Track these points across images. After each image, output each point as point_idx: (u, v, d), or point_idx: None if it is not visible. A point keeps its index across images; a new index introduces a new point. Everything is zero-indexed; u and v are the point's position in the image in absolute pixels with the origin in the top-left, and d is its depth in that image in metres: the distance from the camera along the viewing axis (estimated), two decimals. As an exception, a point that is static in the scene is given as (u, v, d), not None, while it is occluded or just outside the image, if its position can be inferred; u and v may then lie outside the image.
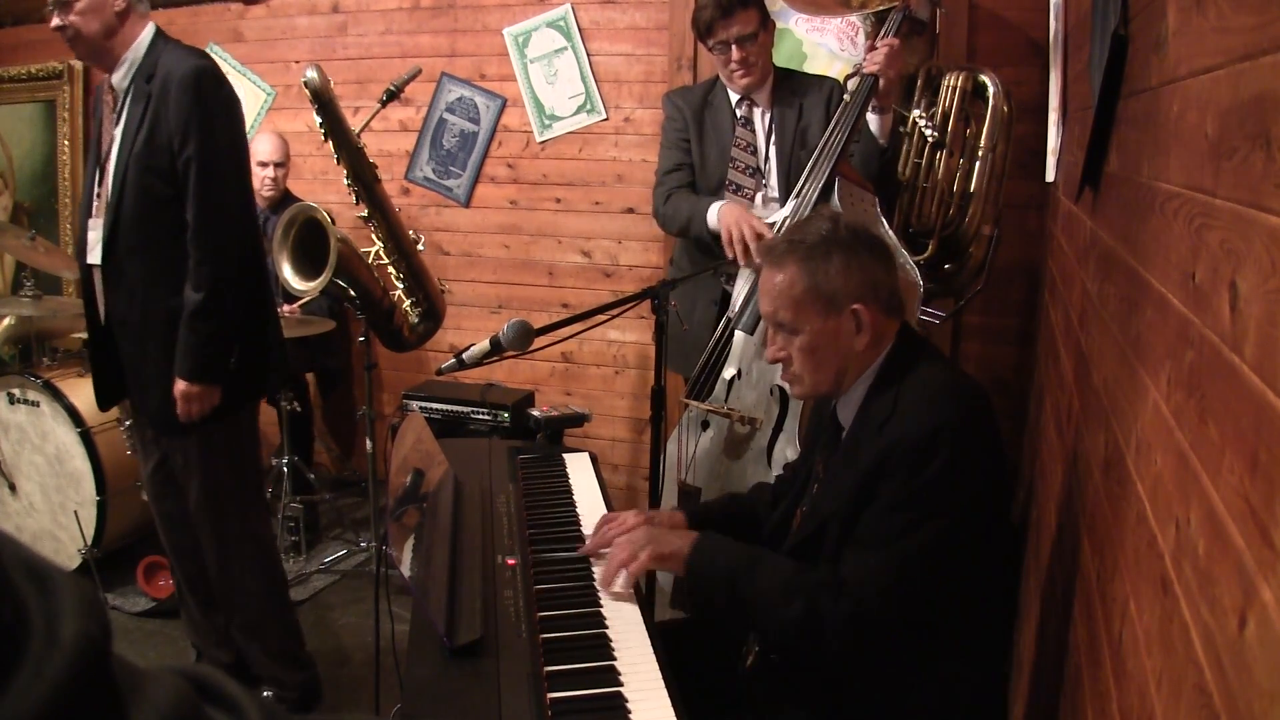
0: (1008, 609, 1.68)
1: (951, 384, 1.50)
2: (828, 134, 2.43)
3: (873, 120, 2.50)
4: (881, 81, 2.42)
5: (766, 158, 2.68)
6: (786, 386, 2.32)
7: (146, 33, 2.26)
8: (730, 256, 2.45)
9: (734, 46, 2.57)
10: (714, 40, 2.60)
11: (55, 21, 2.16)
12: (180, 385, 2.25)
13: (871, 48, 2.48)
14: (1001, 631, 1.64)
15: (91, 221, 2.33)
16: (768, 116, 2.69)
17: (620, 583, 1.53)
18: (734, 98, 2.71)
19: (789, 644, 1.49)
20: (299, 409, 3.65)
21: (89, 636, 0.35)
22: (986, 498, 1.47)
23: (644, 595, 1.59)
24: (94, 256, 2.31)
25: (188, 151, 2.21)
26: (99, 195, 2.31)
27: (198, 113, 2.21)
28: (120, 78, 2.26)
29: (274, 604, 2.53)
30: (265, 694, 2.50)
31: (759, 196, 2.67)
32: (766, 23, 2.61)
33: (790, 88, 2.69)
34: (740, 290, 2.46)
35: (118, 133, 2.26)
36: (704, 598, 1.55)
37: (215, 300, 2.21)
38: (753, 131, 2.69)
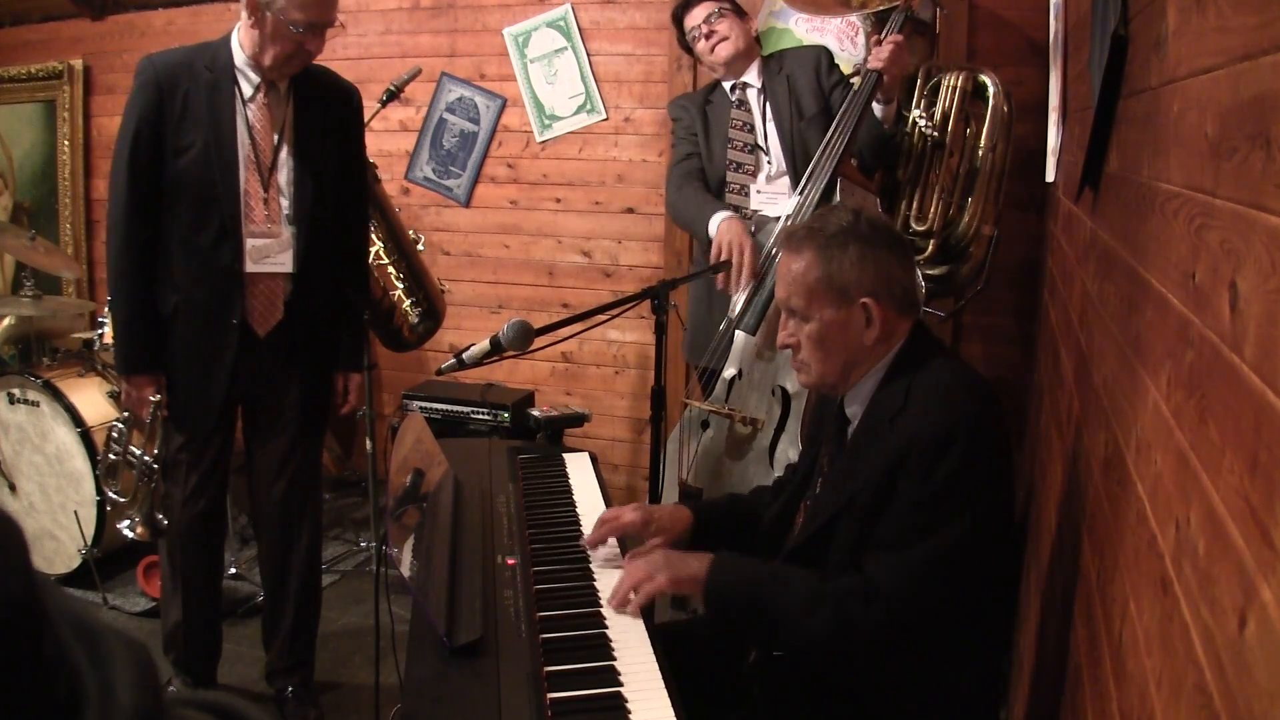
0: (1008, 609, 1.68)
1: (964, 379, 1.50)
2: (829, 135, 2.45)
3: (877, 109, 2.54)
4: (886, 78, 2.46)
5: (765, 134, 2.72)
6: (790, 386, 2.33)
7: None
8: (718, 261, 2.45)
9: (703, 25, 2.69)
10: (688, 32, 2.74)
11: (311, 46, 2.21)
12: (357, 378, 2.47)
13: (877, 43, 2.50)
14: (1001, 631, 1.64)
15: (255, 228, 2.24)
16: (760, 95, 2.74)
17: (633, 604, 1.49)
18: (729, 88, 2.78)
19: (820, 655, 1.47)
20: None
21: (145, 713, 0.34)
22: (1001, 493, 1.47)
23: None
24: (269, 265, 2.25)
25: (361, 162, 2.49)
26: (266, 200, 2.24)
27: (363, 127, 2.50)
28: (282, 82, 2.30)
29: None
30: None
31: (761, 175, 2.71)
32: (742, 15, 2.74)
33: (778, 62, 2.76)
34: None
35: (288, 138, 2.27)
36: (725, 618, 1.53)
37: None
38: (748, 110, 2.74)
